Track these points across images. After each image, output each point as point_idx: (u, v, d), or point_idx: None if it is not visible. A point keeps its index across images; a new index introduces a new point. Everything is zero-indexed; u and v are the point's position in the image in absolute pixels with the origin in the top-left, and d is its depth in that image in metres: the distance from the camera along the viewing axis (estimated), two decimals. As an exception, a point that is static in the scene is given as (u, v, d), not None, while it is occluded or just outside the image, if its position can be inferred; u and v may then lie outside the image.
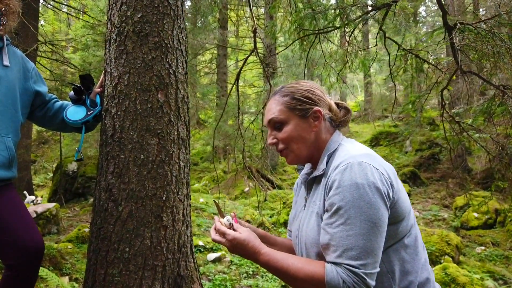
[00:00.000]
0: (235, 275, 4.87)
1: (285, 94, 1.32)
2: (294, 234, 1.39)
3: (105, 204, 1.99)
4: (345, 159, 1.15)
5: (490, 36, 2.17)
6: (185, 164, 2.17)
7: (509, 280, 5.95)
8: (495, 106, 2.55)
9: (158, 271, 1.95)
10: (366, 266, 1.04)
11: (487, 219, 8.86)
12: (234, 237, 1.19)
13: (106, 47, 2.20)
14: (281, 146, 1.33)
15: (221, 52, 14.89)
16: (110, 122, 2.06)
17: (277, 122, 1.31)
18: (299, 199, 1.47)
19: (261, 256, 1.18)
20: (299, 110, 1.29)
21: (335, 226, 1.09)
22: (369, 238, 1.05)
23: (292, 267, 1.13)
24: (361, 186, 1.07)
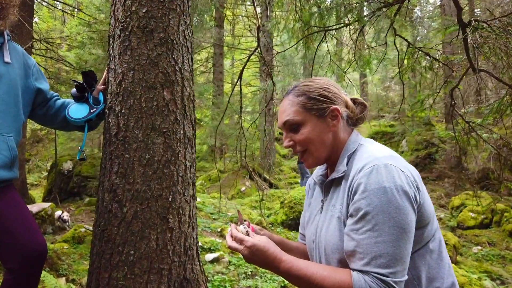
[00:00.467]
0: (234, 276, 4.82)
1: (300, 94, 1.25)
2: (310, 239, 1.32)
3: (109, 205, 1.92)
4: (370, 161, 1.09)
5: (504, 34, 2.14)
6: (191, 164, 2.11)
7: (506, 280, 5.97)
8: (505, 105, 2.52)
9: (164, 274, 1.89)
10: (395, 274, 0.99)
11: (483, 219, 8.89)
12: (253, 244, 1.11)
13: (110, 43, 2.13)
14: (299, 149, 1.27)
15: (217, 51, 14.81)
16: (114, 121, 2.00)
17: (293, 124, 1.24)
18: (314, 202, 1.40)
19: (282, 263, 1.10)
20: (316, 110, 1.22)
21: (362, 232, 1.03)
22: (398, 244, 0.99)
23: (316, 275, 1.06)
24: (388, 190, 1.01)
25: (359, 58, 3.30)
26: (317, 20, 2.93)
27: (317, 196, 1.38)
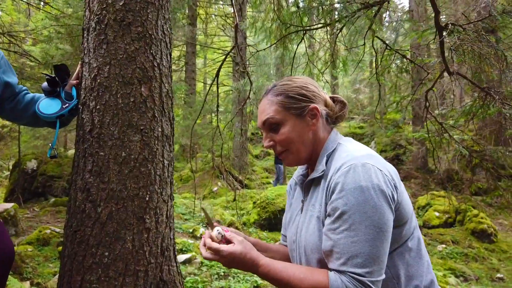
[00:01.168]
0: (207, 277, 4.77)
1: (279, 93, 1.24)
2: (291, 239, 1.31)
3: (82, 205, 1.83)
4: (348, 160, 1.09)
5: (478, 38, 2.22)
6: (169, 163, 2.06)
7: (469, 277, 6.21)
8: (477, 108, 2.62)
9: (140, 276, 1.83)
10: (372, 274, 0.99)
11: (448, 218, 9.21)
12: (229, 253, 1.10)
13: (84, 36, 2.04)
14: (280, 149, 1.25)
15: (189, 49, 14.64)
16: (88, 117, 1.91)
17: (273, 123, 1.23)
18: (295, 202, 1.39)
19: (260, 268, 1.10)
20: (295, 109, 1.22)
21: (339, 232, 1.03)
22: (375, 244, 1.00)
23: (294, 277, 1.06)
24: (365, 189, 1.01)
25: (335, 59, 3.33)
26: (296, 20, 2.93)
27: (298, 196, 1.37)
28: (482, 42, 2.23)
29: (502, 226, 9.15)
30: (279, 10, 3.02)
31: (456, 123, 2.98)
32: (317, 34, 4.65)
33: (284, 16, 2.98)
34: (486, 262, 6.82)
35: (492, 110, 2.44)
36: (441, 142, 2.88)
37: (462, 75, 2.61)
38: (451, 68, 2.42)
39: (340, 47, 3.74)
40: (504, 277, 5.97)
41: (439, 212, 9.35)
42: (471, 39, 2.24)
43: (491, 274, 6.20)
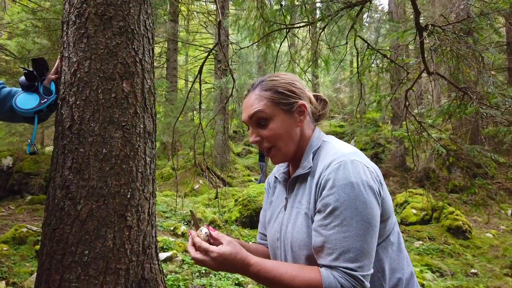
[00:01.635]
0: (188, 274, 4.74)
1: (267, 88, 1.22)
2: (274, 237, 1.30)
3: (61, 202, 1.79)
4: (337, 157, 1.10)
5: (457, 39, 2.28)
6: (151, 160, 2.03)
7: (445, 273, 6.36)
8: (454, 107, 2.69)
9: (121, 275, 1.80)
10: (363, 268, 1.01)
11: (424, 215, 9.39)
12: (219, 253, 1.06)
13: (64, 29, 1.99)
14: (267, 145, 1.23)
15: (171, 46, 14.47)
16: (67, 112, 1.87)
17: (261, 118, 1.20)
18: (276, 200, 1.37)
19: (250, 267, 1.07)
20: (284, 105, 1.20)
21: (330, 227, 1.03)
22: (365, 239, 1.02)
23: (286, 276, 1.05)
24: (355, 185, 1.03)
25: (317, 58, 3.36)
26: (279, 18, 2.93)
27: (280, 193, 1.36)
28: (461, 43, 2.29)
29: (477, 222, 9.42)
30: (262, 8, 3.02)
31: (435, 122, 3.06)
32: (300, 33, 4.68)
33: (267, 14, 2.98)
34: (461, 258, 7.00)
35: (469, 109, 2.52)
36: (420, 141, 2.95)
37: (441, 75, 2.68)
38: (431, 68, 2.48)
39: (322, 46, 3.77)
40: (478, 272, 6.15)
41: (416, 210, 9.54)
42: (450, 40, 2.30)
43: (465, 269, 6.38)
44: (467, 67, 2.42)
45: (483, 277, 5.97)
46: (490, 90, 2.35)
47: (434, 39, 2.26)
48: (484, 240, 7.97)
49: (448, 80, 2.57)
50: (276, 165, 1.42)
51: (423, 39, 2.29)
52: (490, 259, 6.92)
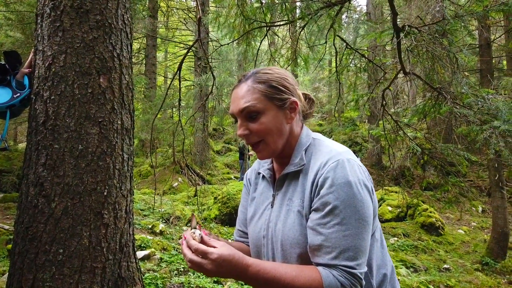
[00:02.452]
0: (166, 273, 4.69)
1: (261, 81, 1.18)
2: (259, 235, 1.26)
3: (35, 200, 1.74)
4: (333, 156, 1.10)
5: (432, 40, 2.34)
6: (129, 157, 2.00)
7: (418, 268, 6.53)
8: (429, 107, 2.76)
9: (97, 273, 1.77)
10: (361, 266, 1.02)
11: (399, 212, 9.58)
12: (219, 255, 0.99)
13: (38, 22, 1.93)
14: (255, 139, 1.18)
15: (150, 42, 14.25)
16: (42, 108, 1.82)
17: (253, 112, 1.16)
18: (261, 196, 1.33)
19: (249, 268, 1.02)
20: (278, 100, 1.17)
21: (330, 226, 1.02)
22: (362, 237, 1.02)
23: (286, 276, 1.02)
24: (353, 184, 1.03)
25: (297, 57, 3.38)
26: (259, 16, 2.93)
27: (265, 190, 1.32)
28: (436, 44, 2.36)
29: (449, 219, 9.71)
30: (243, 5, 3.01)
31: (410, 121, 3.14)
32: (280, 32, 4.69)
33: (248, 11, 2.97)
34: (434, 253, 7.20)
35: (444, 109, 2.59)
36: (396, 140, 3.01)
37: (417, 75, 2.75)
38: (407, 69, 2.54)
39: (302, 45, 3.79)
40: (450, 267, 6.34)
41: (391, 207, 9.75)
42: (426, 41, 2.36)
43: (438, 265, 6.56)
44: (442, 68, 2.49)
45: (455, 272, 6.16)
46: (464, 90, 2.43)
47: (411, 40, 2.32)
48: (456, 236, 8.22)
49: (423, 80, 2.64)
50: (261, 160, 1.39)
51: (400, 40, 2.34)
52: (462, 254, 7.15)
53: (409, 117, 3.18)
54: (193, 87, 12.63)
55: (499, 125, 2.16)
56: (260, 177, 1.37)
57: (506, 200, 6.73)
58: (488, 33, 7.62)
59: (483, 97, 2.45)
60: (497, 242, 6.59)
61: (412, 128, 3.13)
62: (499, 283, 5.77)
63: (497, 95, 2.67)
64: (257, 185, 1.38)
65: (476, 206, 10.59)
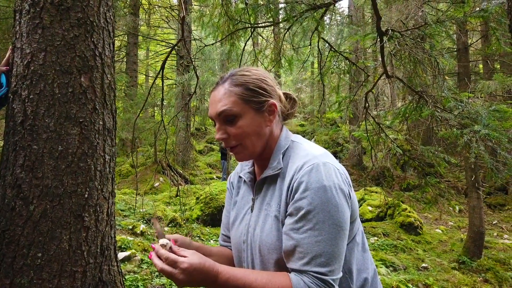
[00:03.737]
0: (147, 274, 4.63)
1: (238, 84, 1.16)
2: (240, 239, 1.25)
3: (12, 202, 1.69)
4: (309, 159, 1.08)
5: (414, 44, 2.39)
6: (111, 158, 1.96)
7: (398, 267, 6.64)
8: (410, 110, 2.82)
9: (77, 277, 1.73)
10: (333, 272, 1.00)
11: (379, 212, 9.72)
12: (190, 263, 0.98)
13: (16, 18, 1.87)
14: (233, 143, 1.17)
15: (131, 40, 14.06)
16: (20, 107, 1.76)
17: (230, 115, 1.14)
18: (242, 200, 1.31)
19: (219, 275, 1.01)
20: (255, 103, 1.15)
21: (303, 231, 1.01)
22: (336, 242, 1.01)
23: (256, 284, 1.01)
24: (328, 188, 1.02)
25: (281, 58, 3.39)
26: (244, 17, 2.92)
27: (245, 194, 1.31)
28: (418, 48, 2.41)
29: (427, 219, 9.92)
30: (227, 5, 3.00)
31: (392, 123, 3.19)
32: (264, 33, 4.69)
33: (232, 12, 2.96)
34: (413, 253, 7.34)
35: (425, 112, 2.65)
36: (378, 141, 3.06)
37: (400, 78, 2.80)
38: (390, 72, 2.59)
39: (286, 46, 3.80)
40: (429, 266, 6.48)
41: (372, 207, 9.89)
42: (409, 45, 2.40)
43: (417, 264, 6.69)
44: (424, 71, 2.54)
45: (433, 270, 6.30)
46: (444, 94, 2.49)
47: (394, 44, 2.36)
48: (434, 235, 8.40)
49: (405, 83, 2.69)
50: (240, 162, 1.37)
51: (383, 44, 2.38)
52: (439, 253, 7.31)
53: (391, 119, 3.23)
54: (175, 86, 12.52)
55: (479, 129, 2.22)
56: (242, 180, 1.35)
57: (482, 200, 6.92)
58: (466, 38, 7.82)
59: (463, 101, 2.51)
60: (473, 241, 6.76)
61: (394, 130, 3.18)
62: (475, 281, 5.93)
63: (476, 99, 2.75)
64: (239, 189, 1.36)
65: (453, 206, 10.85)
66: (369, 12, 14.27)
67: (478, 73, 12.74)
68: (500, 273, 6.22)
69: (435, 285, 5.50)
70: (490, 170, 2.40)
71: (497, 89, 6.17)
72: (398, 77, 2.77)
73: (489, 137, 2.16)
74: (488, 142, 2.24)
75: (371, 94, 3.00)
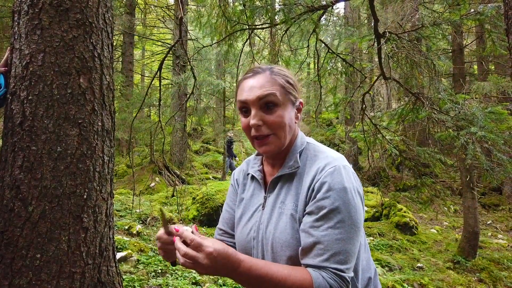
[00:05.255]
0: (143, 275, 4.62)
1: (280, 75, 1.18)
2: (249, 236, 1.25)
3: (10, 203, 1.69)
4: (330, 162, 1.11)
5: (411, 46, 2.42)
6: (110, 159, 1.96)
7: (393, 267, 6.67)
8: (407, 111, 2.84)
9: (76, 278, 1.73)
10: (350, 270, 1.05)
11: (375, 212, 9.75)
12: (214, 249, 0.94)
13: (15, 19, 1.87)
14: (267, 131, 1.15)
15: (127, 39, 14.00)
16: (18, 108, 1.76)
17: (271, 102, 1.13)
18: (251, 198, 1.31)
19: (242, 263, 1.00)
20: (293, 97, 1.18)
21: (323, 229, 1.04)
22: (353, 242, 1.05)
23: (278, 274, 1.02)
24: (349, 190, 1.06)
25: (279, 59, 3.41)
26: (242, 18, 2.93)
27: (255, 192, 1.31)
28: (415, 50, 2.43)
29: (422, 219, 9.97)
30: (225, 6, 3.01)
31: (389, 125, 3.22)
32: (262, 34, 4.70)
33: (230, 13, 2.97)
34: (408, 252, 7.37)
35: (422, 114, 2.68)
36: (374, 142, 3.09)
37: (397, 80, 2.83)
38: (387, 74, 2.61)
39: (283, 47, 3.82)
40: (424, 266, 6.52)
41: (367, 207, 9.92)
42: (406, 47, 2.43)
43: (412, 263, 6.73)
44: (420, 73, 2.57)
45: (428, 270, 6.33)
46: (441, 96, 2.52)
47: (392, 46, 2.38)
48: (429, 235, 8.44)
49: (402, 85, 2.71)
50: (246, 160, 1.39)
51: (381, 46, 2.40)
52: (435, 253, 7.35)
53: (388, 120, 3.26)
54: (171, 86, 12.49)
55: (476, 131, 2.25)
56: (249, 178, 1.36)
57: (477, 200, 6.97)
58: (461, 39, 7.88)
59: (459, 102, 2.54)
60: (468, 241, 6.81)
61: (390, 131, 3.22)
62: (470, 281, 5.98)
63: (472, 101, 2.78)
64: (245, 186, 1.37)
65: (449, 206, 10.91)
66: (365, 13, 14.34)
67: (473, 74, 12.83)
68: (494, 272, 6.27)
69: (430, 285, 5.54)
70: (486, 171, 2.44)
71: (492, 90, 6.22)
72: (395, 79, 2.80)
73: (485, 139, 2.19)
74: (484, 143, 2.26)
75: (367, 95, 3.02)
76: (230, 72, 12.65)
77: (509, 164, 2.38)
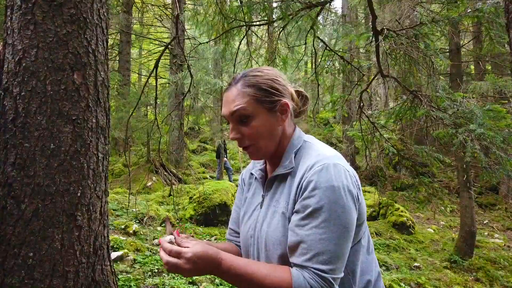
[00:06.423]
0: (139, 274, 4.59)
1: (250, 84, 1.17)
2: (248, 234, 1.28)
3: (3, 201, 1.66)
4: (320, 160, 1.09)
5: (409, 43, 2.40)
6: (104, 156, 1.93)
7: (390, 267, 6.67)
8: (405, 109, 2.83)
9: (69, 277, 1.70)
10: (334, 271, 1.02)
11: (372, 212, 9.75)
12: (193, 253, 1.00)
13: (7, 14, 1.84)
14: (247, 143, 1.19)
15: (124, 38, 13.96)
16: (11, 104, 1.73)
17: (243, 116, 1.15)
18: (253, 197, 1.34)
19: (222, 262, 1.04)
20: (267, 103, 1.17)
21: (308, 228, 1.03)
22: (340, 242, 1.03)
23: (257, 274, 1.03)
24: (337, 189, 1.04)
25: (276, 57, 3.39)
26: (239, 15, 2.91)
27: (256, 191, 1.33)
28: (413, 48, 2.42)
29: (419, 218, 9.99)
30: (222, 3, 2.98)
31: (386, 123, 3.21)
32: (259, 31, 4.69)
33: (227, 10, 2.95)
34: (405, 252, 7.38)
35: (420, 112, 2.67)
36: (372, 141, 3.08)
37: (395, 78, 2.81)
38: (385, 71, 2.59)
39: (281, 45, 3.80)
40: (421, 265, 6.52)
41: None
42: (404, 44, 2.42)
43: (409, 263, 6.73)
44: (418, 71, 2.56)
45: (425, 270, 6.33)
46: (439, 94, 2.51)
47: (390, 43, 2.37)
48: (426, 235, 8.45)
49: (400, 82, 2.70)
50: (255, 160, 1.39)
51: (378, 43, 2.38)
52: (431, 253, 7.35)
53: (386, 119, 3.25)
54: (168, 85, 12.46)
55: (474, 129, 2.24)
56: (253, 177, 1.38)
57: (473, 200, 6.98)
58: (458, 39, 7.89)
59: (458, 100, 2.53)
60: (464, 241, 6.82)
61: (388, 130, 3.20)
62: (467, 280, 5.98)
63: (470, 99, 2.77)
64: (250, 186, 1.39)
65: (446, 206, 10.93)
66: (363, 12, 14.34)
67: (470, 74, 12.86)
68: (491, 272, 6.28)
69: (427, 284, 5.54)
70: (484, 169, 2.43)
71: (489, 90, 6.23)
72: (393, 76, 2.78)
73: (484, 136, 2.18)
74: (483, 141, 2.25)
75: (365, 93, 3.01)
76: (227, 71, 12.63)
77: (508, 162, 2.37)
